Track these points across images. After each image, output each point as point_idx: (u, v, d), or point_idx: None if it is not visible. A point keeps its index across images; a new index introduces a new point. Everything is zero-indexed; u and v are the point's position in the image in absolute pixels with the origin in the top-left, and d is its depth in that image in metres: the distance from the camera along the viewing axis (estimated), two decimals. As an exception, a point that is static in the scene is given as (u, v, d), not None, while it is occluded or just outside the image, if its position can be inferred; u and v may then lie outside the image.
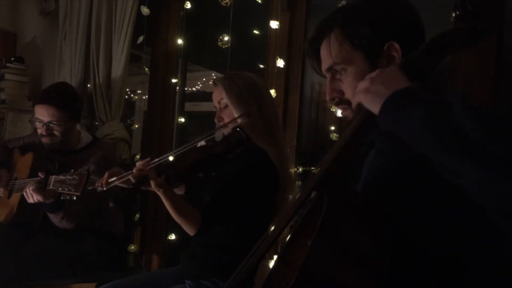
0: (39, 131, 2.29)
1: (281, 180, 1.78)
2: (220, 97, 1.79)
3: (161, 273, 1.98)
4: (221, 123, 1.81)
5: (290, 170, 1.98)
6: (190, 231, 1.61)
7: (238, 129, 1.62)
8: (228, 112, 1.78)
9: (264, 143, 1.74)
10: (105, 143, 2.55)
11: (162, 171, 1.56)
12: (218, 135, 1.78)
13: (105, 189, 1.71)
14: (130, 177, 1.53)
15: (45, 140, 2.28)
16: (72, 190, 1.87)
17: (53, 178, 1.93)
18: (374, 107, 0.88)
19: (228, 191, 1.68)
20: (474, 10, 0.87)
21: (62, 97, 2.29)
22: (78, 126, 2.84)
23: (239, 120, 1.74)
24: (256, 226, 1.80)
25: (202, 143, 1.68)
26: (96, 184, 1.74)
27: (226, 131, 1.76)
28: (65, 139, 2.31)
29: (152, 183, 1.52)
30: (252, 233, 1.78)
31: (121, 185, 1.72)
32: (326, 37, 1.08)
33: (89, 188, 1.78)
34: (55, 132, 2.26)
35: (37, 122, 2.27)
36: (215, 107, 1.86)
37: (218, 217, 1.67)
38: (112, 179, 1.71)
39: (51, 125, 2.24)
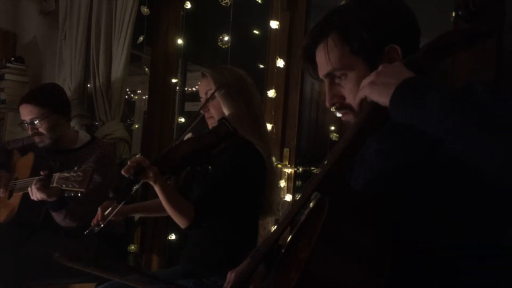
0: (29, 132, 2.30)
1: (268, 171, 1.82)
2: (208, 88, 1.83)
3: (161, 273, 1.99)
4: (207, 114, 1.85)
5: (274, 162, 2.01)
6: (183, 223, 1.62)
7: (224, 120, 1.64)
8: (215, 103, 1.81)
9: (252, 135, 1.77)
10: (103, 141, 2.55)
11: (155, 163, 1.57)
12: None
13: (102, 226, 1.78)
14: (123, 172, 1.53)
15: (36, 140, 2.29)
16: (77, 186, 1.87)
17: (56, 175, 1.94)
18: (382, 98, 0.87)
19: (220, 183, 1.69)
20: (476, 10, 0.87)
21: (37, 94, 2.31)
22: (76, 126, 2.85)
23: (226, 113, 1.77)
24: (248, 218, 1.83)
25: (190, 136, 1.71)
26: (92, 224, 1.80)
27: (213, 123, 1.80)
28: (57, 138, 2.30)
29: (150, 173, 1.53)
30: (245, 225, 1.82)
31: (115, 218, 1.80)
32: (323, 42, 1.06)
33: (87, 232, 1.80)
34: (41, 130, 2.26)
35: (25, 124, 2.29)
36: (201, 97, 1.89)
37: (211, 210, 1.68)
38: (107, 212, 1.78)
39: (34, 122, 2.25)
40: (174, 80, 3.01)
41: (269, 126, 2.37)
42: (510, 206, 0.89)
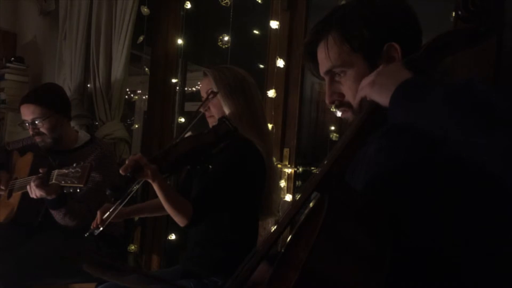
0: (30, 132, 2.30)
1: (268, 171, 1.82)
2: (209, 87, 1.83)
3: (160, 273, 1.99)
4: (208, 114, 1.86)
5: (275, 162, 2.00)
6: (182, 222, 1.62)
7: (224, 119, 1.64)
8: (215, 102, 1.81)
9: (252, 134, 1.77)
10: (103, 141, 2.56)
11: (154, 161, 1.56)
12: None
13: (101, 228, 1.79)
14: (121, 170, 1.53)
15: (37, 140, 2.29)
16: (76, 182, 1.87)
17: (55, 172, 1.94)
18: (382, 99, 0.87)
19: (219, 181, 1.69)
20: (476, 10, 0.87)
21: (39, 94, 2.31)
22: (76, 127, 2.85)
23: (226, 112, 1.77)
24: (248, 218, 1.83)
25: (190, 134, 1.71)
26: (92, 227, 1.80)
27: (213, 122, 1.79)
28: (57, 137, 2.31)
29: (148, 171, 1.52)
30: (245, 225, 1.82)
31: (114, 220, 1.81)
32: (324, 39, 1.07)
33: (87, 234, 1.82)
34: (42, 130, 2.27)
35: (26, 124, 2.29)
36: (202, 97, 1.89)
37: (210, 208, 1.67)
38: (106, 215, 1.78)
39: (36, 122, 2.25)
40: (174, 80, 3.01)
41: (269, 126, 2.37)
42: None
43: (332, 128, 2.42)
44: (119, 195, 1.61)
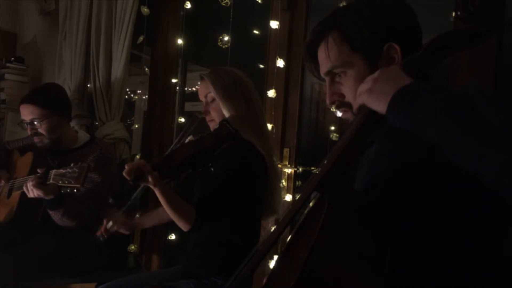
0: (28, 132, 2.30)
1: (269, 171, 1.81)
2: (207, 91, 1.82)
3: (161, 273, 1.99)
4: (208, 118, 1.85)
5: (276, 162, 2.00)
6: (184, 227, 1.62)
7: (225, 122, 1.64)
8: (215, 106, 1.81)
9: (252, 135, 1.76)
10: (103, 141, 2.55)
11: (156, 167, 1.56)
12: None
13: (106, 237, 1.83)
14: (125, 173, 1.53)
15: (35, 140, 2.29)
16: (73, 182, 1.86)
17: (53, 172, 1.93)
18: (380, 106, 0.87)
19: (221, 185, 1.69)
20: (476, 11, 0.87)
21: (39, 94, 2.31)
22: (76, 127, 2.85)
23: (226, 115, 1.77)
24: (249, 219, 1.83)
25: (191, 138, 1.71)
26: (97, 234, 1.84)
27: (214, 126, 1.79)
28: (56, 138, 2.30)
29: (150, 178, 1.52)
30: (246, 226, 1.82)
31: (124, 232, 1.87)
32: (324, 40, 1.07)
33: (96, 243, 1.87)
34: (41, 130, 2.26)
35: (24, 124, 2.28)
36: (201, 101, 1.88)
37: (213, 212, 1.67)
38: (110, 223, 1.83)
39: (34, 123, 2.25)
40: (174, 80, 3.01)
41: (269, 126, 2.37)
42: (510, 207, 0.89)
43: (332, 128, 2.42)
44: (122, 202, 1.62)
